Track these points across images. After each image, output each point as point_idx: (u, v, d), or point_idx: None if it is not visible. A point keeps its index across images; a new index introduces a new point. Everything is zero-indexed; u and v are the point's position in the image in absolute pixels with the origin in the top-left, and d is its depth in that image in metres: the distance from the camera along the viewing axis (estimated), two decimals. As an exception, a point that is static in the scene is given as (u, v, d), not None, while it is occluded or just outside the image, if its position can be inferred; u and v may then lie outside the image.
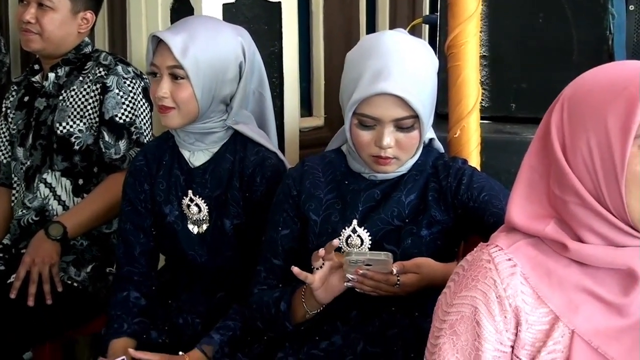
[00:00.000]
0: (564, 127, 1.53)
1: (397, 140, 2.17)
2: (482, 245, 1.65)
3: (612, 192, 1.49)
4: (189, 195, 2.54)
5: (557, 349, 1.57)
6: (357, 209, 2.26)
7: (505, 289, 1.57)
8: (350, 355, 2.19)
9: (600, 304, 1.57)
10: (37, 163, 3.04)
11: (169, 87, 2.42)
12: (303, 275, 2.09)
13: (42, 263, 2.82)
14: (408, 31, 2.37)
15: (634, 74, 1.51)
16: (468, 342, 1.58)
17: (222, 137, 2.55)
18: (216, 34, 2.49)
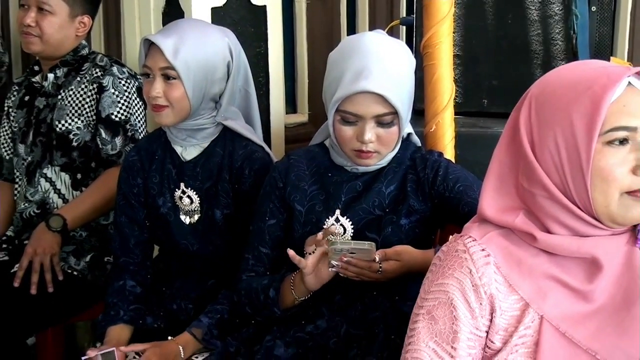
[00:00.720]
0: (532, 125, 1.54)
1: (377, 135, 2.17)
2: (456, 236, 1.66)
3: (577, 186, 1.51)
4: (181, 188, 2.55)
5: (527, 333, 1.57)
6: (340, 199, 2.26)
7: (481, 278, 1.57)
8: (334, 338, 2.19)
9: (567, 290, 1.57)
10: (38, 159, 3.03)
11: (161, 87, 2.42)
12: (297, 259, 2.09)
13: (43, 253, 2.81)
14: (386, 32, 2.38)
15: (597, 74, 1.53)
16: (445, 326, 1.58)
17: (212, 132, 2.55)
18: (205, 36, 2.49)
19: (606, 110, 1.48)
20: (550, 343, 1.56)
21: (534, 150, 1.53)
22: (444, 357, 1.58)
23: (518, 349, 1.57)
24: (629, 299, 1.57)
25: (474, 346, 1.59)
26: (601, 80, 1.51)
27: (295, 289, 2.19)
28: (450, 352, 1.58)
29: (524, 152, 1.54)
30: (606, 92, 1.49)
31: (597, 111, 1.47)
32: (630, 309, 1.56)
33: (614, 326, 1.56)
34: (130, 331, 2.49)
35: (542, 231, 1.57)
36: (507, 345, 1.58)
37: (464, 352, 1.58)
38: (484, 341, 1.60)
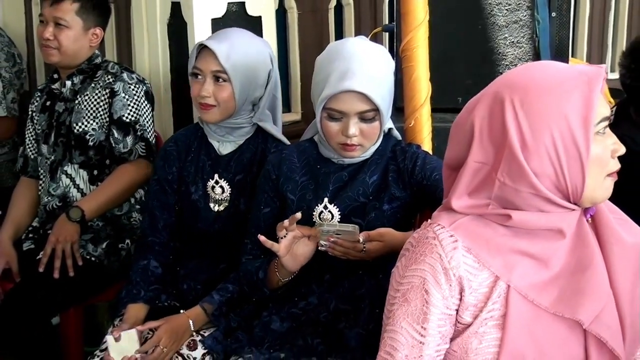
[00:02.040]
0: (521, 127, 1.51)
1: (361, 130, 2.17)
2: (426, 224, 1.65)
3: (574, 175, 1.51)
4: (215, 178, 2.55)
5: (495, 307, 1.57)
6: (328, 188, 2.26)
7: (450, 262, 1.57)
8: (325, 313, 2.20)
9: (532, 260, 1.58)
10: (59, 157, 3.01)
11: (211, 88, 2.45)
12: (269, 244, 2.10)
13: (64, 241, 2.81)
14: (370, 39, 2.38)
15: (576, 73, 1.54)
16: (417, 307, 1.58)
17: (248, 131, 2.57)
18: (252, 45, 2.54)
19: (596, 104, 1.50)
20: (518, 310, 1.56)
21: (524, 152, 1.51)
22: (415, 335, 1.58)
23: (487, 321, 1.57)
24: (583, 263, 1.58)
25: (444, 324, 1.58)
26: (584, 78, 1.52)
27: (279, 271, 2.19)
28: (420, 330, 1.57)
29: (512, 154, 1.52)
30: (595, 88, 1.50)
31: (591, 106, 1.49)
32: (584, 272, 1.57)
33: (572, 289, 1.57)
34: (147, 310, 2.48)
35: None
36: (477, 319, 1.58)
37: (434, 330, 1.57)
38: (454, 318, 1.59)
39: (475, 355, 1.58)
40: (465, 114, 1.62)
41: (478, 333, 1.58)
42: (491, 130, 1.55)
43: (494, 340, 1.57)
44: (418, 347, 1.58)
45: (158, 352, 2.27)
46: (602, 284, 1.58)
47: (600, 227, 1.63)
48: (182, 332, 2.34)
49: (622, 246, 1.62)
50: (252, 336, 2.23)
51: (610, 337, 1.57)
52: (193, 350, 2.30)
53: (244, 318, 2.32)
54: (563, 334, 1.57)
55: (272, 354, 2.15)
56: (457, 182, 1.61)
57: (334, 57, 2.18)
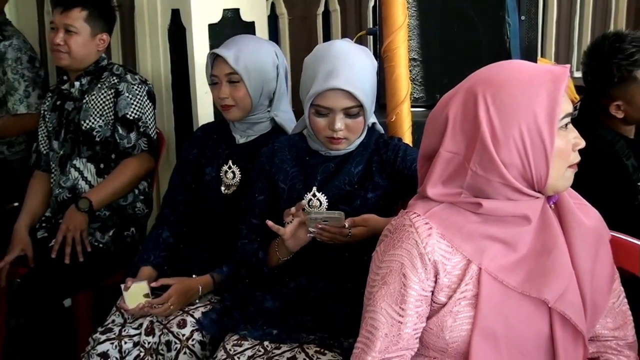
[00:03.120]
0: (493, 122, 1.52)
1: (346, 124, 2.17)
2: (402, 212, 1.66)
3: (539, 166, 1.53)
4: (229, 164, 2.57)
5: (468, 288, 1.59)
6: (316, 178, 2.26)
7: (425, 247, 1.58)
8: (313, 292, 2.20)
9: (501, 245, 1.59)
10: (68, 152, 3.02)
11: (228, 90, 2.49)
12: (276, 228, 2.12)
13: (74, 230, 2.83)
14: (355, 41, 2.41)
15: (542, 72, 1.55)
16: (396, 290, 1.59)
17: (266, 126, 2.60)
18: (258, 46, 2.57)
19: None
20: (489, 291, 1.57)
21: (494, 144, 1.52)
22: (394, 315, 1.59)
23: (461, 301, 1.59)
24: (547, 246, 1.60)
25: (421, 305, 1.60)
26: (550, 77, 1.53)
27: (279, 251, 2.21)
28: (399, 310, 1.59)
29: (483, 146, 1.53)
30: (560, 87, 1.51)
31: (556, 102, 1.50)
32: (549, 254, 1.59)
33: (538, 270, 1.59)
34: (155, 275, 2.52)
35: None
36: (452, 299, 1.59)
37: (412, 311, 1.59)
38: (430, 299, 1.61)
39: (451, 332, 1.59)
40: (440, 107, 1.62)
41: (452, 312, 1.59)
42: (464, 122, 1.56)
43: (468, 318, 1.58)
44: (397, 326, 1.59)
45: (165, 307, 2.31)
46: (565, 265, 1.60)
47: (563, 212, 1.65)
48: (190, 295, 2.38)
49: (582, 230, 1.63)
50: (246, 315, 2.23)
51: (573, 313, 1.59)
52: (182, 328, 2.29)
53: (239, 298, 2.32)
54: (530, 312, 1.59)
55: (265, 330, 2.15)
56: (431, 171, 1.61)
57: (320, 58, 2.18)
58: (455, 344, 1.60)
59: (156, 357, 2.31)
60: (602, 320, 1.71)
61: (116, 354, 2.33)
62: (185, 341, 2.27)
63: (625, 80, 2.54)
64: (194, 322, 2.31)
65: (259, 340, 2.14)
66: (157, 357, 2.31)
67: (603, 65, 2.57)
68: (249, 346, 2.13)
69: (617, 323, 1.74)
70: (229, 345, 2.15)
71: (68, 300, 3.02)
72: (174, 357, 2.26)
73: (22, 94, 3.49)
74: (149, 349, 2.32)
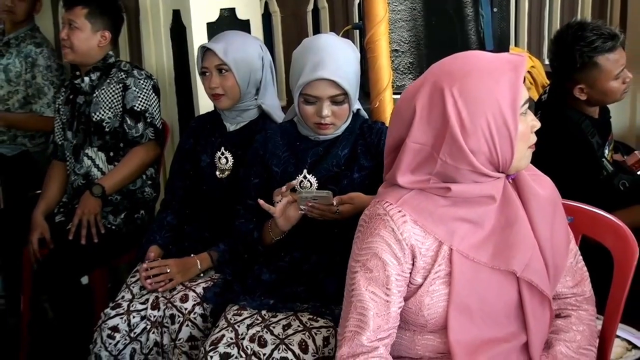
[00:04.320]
0: (461, 114, 1.49)
1: (333, 111, 2.16)
2: (375, 202, 1.63)
3: (505, 151, 1.51)
4: (222, 150, 2.56)
5: (441, 268, 1.58)
6: (307, 161, 2.25)
7: (402, 234, 1.56)
8: (306, 265, 2.20)
9: (469, 224, 1.58)
10: (81, 142, 3.01)
11: (217, 80, 2.47)
12: (267, 207, 2.11)
13: (89, 213, 2.83)
14: (342, 35, 2.40)
15: (501, 62, 1.52)
16: (379, 274, 1.57)
17: (254, 114, 2.58)
18: (244, 39, 2.57)
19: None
20: (460, 268, 1.56)
21: (463, 135, 1.50)
22: (381, 295, 1.58)
23: (435, 280, 1.58)
24: (510, 220, 1.59)
25: (401, 285, 1.59)
26: (510, 66, 1.51)
27: (272, 230, 2.19)
28: (385, 291, 1.57)
29: (453, 138, 1.50)
30: (520, 75, 1.50)
31: (517, 91, 1.48)
32: (512, 227, 1.58)
33: (504, 244, 1.58)
34: (161, 253, 2.53)
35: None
36: (427, 279, 1.58)
37: (395, 290, 1.58)
38: (408, 280, 1.59)
39: (429, 310, 1.59)
40: (405, 100, 1.58)
41: (429, 291, 1.58)
42: (431, 116, 1.52)
43: (443, 295, 1.57)
44: (386, 305, 1.57)
45: (164, 275, 2.35)
46: (527, 236, 1.59)
47: (520, 186, 1.64)
48: (189, 267, 2.39)
49: (539, 200, 1.63)
50: (245, 287, 2.23)
51: (539, 280, 1.59)
52: (185, 302, 2.29)
53: (238, 272, 2.32)
54: (500, 283, 1.59)
55: (263, 301, 2.16)
56: (400, 161, 1.58)
57: (308, 50, 2.16)
58: (433, 319, 1.59)
59: (161, 329, 2.31)
60: (562, 280, 1.71)
61: (125, 327, 2.34)
62: (188, 314, 2.27)
63: (586, 65, 2.55)
64: (195, 296, 2.31)
65: (257, 310, 2.14)
66: (162, 330, 2.31)
67: (567, 52, 2.57)
68: (247, 315, 2.13)
69: (575, 280, 1.74)
70: (230, 315, 2.15)
71: (85, 278, 3.01)
72: (178, 329, 2.26)
73: (50, 99, 3.51)
74: (155, 322, 2.32)
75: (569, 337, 1.70)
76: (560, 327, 1.72)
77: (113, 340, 2.34)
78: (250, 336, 2.05)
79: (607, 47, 2.53)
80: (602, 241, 1.88)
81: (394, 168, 1.60)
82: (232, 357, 2.02)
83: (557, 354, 1.67)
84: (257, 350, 2.02)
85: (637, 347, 2.30)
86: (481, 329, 1.59)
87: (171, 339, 2.28)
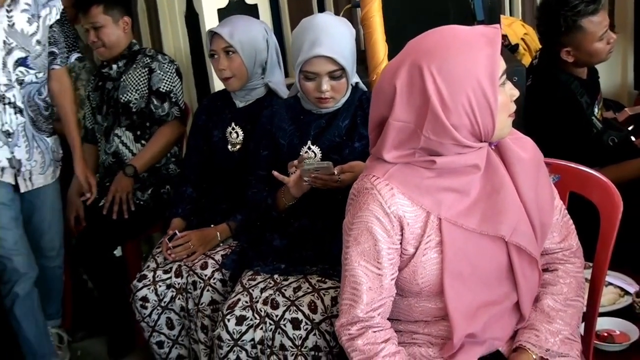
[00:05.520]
0: (441, 92, 1.39)
1: (332, 86, 2.09)
2: (362, 175, 1.55)
3: (486, 122, 1.42)
4: (232, 125, 2.51)
5: (431, 237, 1.50)
6: (310, 133, 2.18)
7: (390, 207, 1.48)
8: (314, 230, 2.15)
9: (455, 193, 1.49)
10: (110, 123, 2.97)
11: (225, 62, 2.42)
12: (281, 177, 2.06)
13: (121, 191, 2.82)
14: (343, 14, 2.32)
15: (476, 36, 1.42)
16: (370, 247, 1.50)
17: (262, 91, 2.52)
18: (249, 23, 2.50)
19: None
20: (450, 236, 1.49)
21: (444, 111, 1.40)
22: (373, 270, 1.51)
23: (427, 250, 1.50)
24: (495, 186, 1.51)
25: (393, 257, 1.52)
26: (485, 40, 1.41)
27: (285, 197, 2.13)
28: (376, 265, 1.51)
29: (434, 115, 1.40)
30: (496, 47, 1.40)
31: (495, 63, 1.39)
32: (499, 193, 1.50)
33: (492, 210, 1.50)
34: (184, 225, 2.51)
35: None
36: (419, 249, 1.51)
37: (387, 262, 1.51)
38: (400, 250, 1.52)
39: (422, 278, 1.52)
40: (386, 79, 1.48)
41: (422, 261, 1.51)
42: (412, 94, 1.43)
43: (436, 263, 1.50)
44: (378, 279, 1.51)
45: (186, 246, 2.33)
46: (513, 200, 1.51)
47: (503, 151, 1.54)
48: (210, 239, 2.37)
49: (522, 163, 1.54)
50: (259, 253, 2.19)
51: (527, 243, 1.52)
52: (204, 269, 2.27)
53: (252, 239, 2.28)
54: (489, 248, 1.51)
55: (275, 265, 2.12)
56: (384, 138, 1.49)
57: (305, 30, 2.09)
58: (427, 287, 1.52)
59: (186, 295, 2.29)
60: (550, 236, 1.63)
61: (154, 297, 2.33)
62: (208, 280, 2.24)
63: (571, 28, 2.48)
64: (214, 263, 2.28)
65: (270, 274, 2.11)
66: (186, 295, 2.29)
67: (552, 17, 2.51)
68: (261, 280, 2.10)
69: (562, 235, 1.66)
70: (245, 279, 2.11)
71: (118, 250, 3.00)
72: (200, 295, 2.23)
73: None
74: (179, 289, 2.31)
75: (556, 290, 1.63)
76: (547, 281, 1.65)
77: (146, 310, 2.34)
78: (263, 299, 2.02)
79: (589, 10, 2.45)
80: (589, 197, 1.81)
81: (379, 144, 1.52)
82: (247, 319, 2.00)
83: (544, 307, 1.61)
84: (270, 312, 1.98)
85: (629, 293, 2.25)
86: (476, 293, 1.52)
87: (195, 304, 2.25)
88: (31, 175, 2.55)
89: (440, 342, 1.57)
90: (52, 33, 2.57)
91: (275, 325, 1.97)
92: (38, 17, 2.49)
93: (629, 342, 2.02)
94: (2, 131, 2.44)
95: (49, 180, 2.63)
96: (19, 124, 2.48)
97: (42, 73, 2.55)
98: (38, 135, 2.56)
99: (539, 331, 1.56)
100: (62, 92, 2.67)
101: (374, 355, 1.50)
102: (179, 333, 2.37)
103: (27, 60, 2.47)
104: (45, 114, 2.60)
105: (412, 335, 1.61)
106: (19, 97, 2.46)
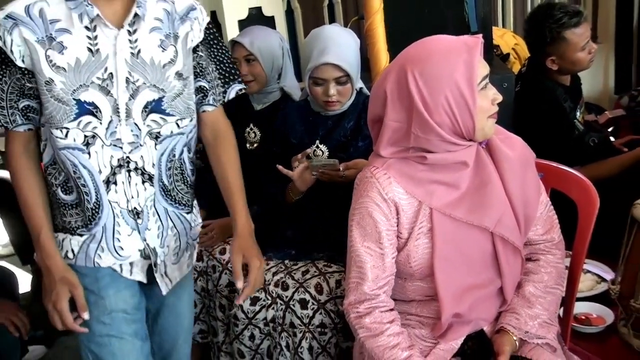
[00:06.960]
0: (423, 94, 1.41)
1: (338, 90, 2.07)
2: (365, 167, 1.57)
3: (466, 122, 1.42)
4: (250, 126, 2.49)
5: (423, 225, 1.50)
6: (318, 133, 2.17)
7: (387, 193, 1.49)
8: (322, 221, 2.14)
9: (445, 186, 1.49)
10: None
11: (246, 68, 2.40)
12: (285, 171, 2.05)
13: None
14: (351, 25, 2.29)
15: (457, 44, 1.41)
16: (372, 230, 1.51)
17: (278, 94, 2.50)
18: (267, 33, 2.48)
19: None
20: (441, 224, 1.49)
21: (427, 110, 1.41)
22: (376, 249, 1.51)
23: (420, 235, 1.51)
24: (483, 181, 1.50)
25: (392, 238, 1.52)
26: (465, 48, 1.40)
27: (292, 191, 2.12)
28: (378, 245, 1.51)
29: (419, 114, 1.42)
30: (474, 56, 1.39)
31: (473, 69, 1.39)
32: (486, 187, 1.50)
33: (478, 202, 1.49)
34: (205, 213, 2.44)
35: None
36: (412, 234, 1.51)
37: (387, 242, 1.51)
38: (397, 233, 1.52)
39: (415, 260, 1.52)
40: (379, 82, 1.51)
41: (415, 245, 1.51)
42: (400, 96, 1.45)
43: (427, 248, 1.50)
44: (381, 258, 1.51)
45: (209, 236, 2.32)
46: (499, 195, 1.50)
47: (492, 150, 1.54)
48: (229, 227, 2.28)
49: (509, 161, 1.53)
50: (272, 241, 2.19)
51: (510, 234, 1.51)
52: (223, 255, 2.26)
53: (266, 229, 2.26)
54: (476, 237, 1.50)
55: (286, 252, 2.13)
56: (381, 137, 1.51)
57: (314, 39, 2.07)
58: (419, 269, 1.53)
59: (206, 277, 2.29)
60: (533, 229, 1.62)
61: None
62: (225, 264, 2.23)
63: (556, 39, 2.46)
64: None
65: (281, 260, 2.11)
66: (206, 277, 2.29)
67: (538, 29, 2.49)
68: (273, 265, 2.10)
69: (545, 228, 1.65)
70: (259, 264, 2.11)
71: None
72: (218, 277, 2.23)
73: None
74: (200, 272, 2.31)
75: (537, 279, 1.62)
76: (530, 270, 1.64)
77: None
78: (275, 282, 2.02)
79: (572, 23, 2.43)
80: (569, 194, 1.79)
81: (377, 142, 1.54)
82: (260, 300, 2.00)
83: (526, 293, 1.60)
84: (281, 293, 1.98)
85: (605, 280, 2.23)
86: (463, 277, 1.52)
87: (214, 285, 2.25)
88: (165, 268, 1.66)
89: (431, 322, 1.57)
90: (198, 59, 1.64)
91: (285, 305, 1.97)
92: (175, 38, 1.54)
93: (605, 325, 2.01)
94: (128, 210, 1.55)
95: (184, 270, 1.73)
96: (147, 198, 1.57)
97: (189, 119, 1.63)
98: (174, 210, 1.66)
99: (520, 315, 1.56)
100: (218, 143, 1.79)
101: (380, 334, 1.50)
102: (200, 311, 2.37)
103: (162, 102, 1.53)
104: (190, 180, 1.72)
105: (406, 316, 1.61)
106: (148, 159, 1.55)
